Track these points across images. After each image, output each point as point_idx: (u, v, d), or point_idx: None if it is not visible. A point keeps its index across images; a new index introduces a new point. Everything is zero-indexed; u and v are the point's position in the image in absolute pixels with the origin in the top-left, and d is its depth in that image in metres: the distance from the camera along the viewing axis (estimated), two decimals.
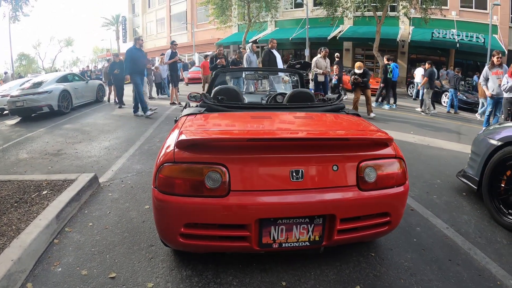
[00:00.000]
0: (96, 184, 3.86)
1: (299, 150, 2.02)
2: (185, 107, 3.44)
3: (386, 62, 11.50)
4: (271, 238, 1.97)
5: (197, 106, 2.96)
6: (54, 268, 2.31)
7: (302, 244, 2.01)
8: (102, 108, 10.79)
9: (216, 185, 1.88)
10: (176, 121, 2.91)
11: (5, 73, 21.76)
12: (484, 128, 4.67)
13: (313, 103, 3.08)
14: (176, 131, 2.21)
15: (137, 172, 4.42)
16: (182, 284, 2.16)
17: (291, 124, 2.62)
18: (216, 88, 3.35)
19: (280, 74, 5.68)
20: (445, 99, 13.76)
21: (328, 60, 9.67)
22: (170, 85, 11.41)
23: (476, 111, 11.40)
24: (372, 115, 8.88)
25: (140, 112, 8.71)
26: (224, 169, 1.90)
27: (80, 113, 9.66)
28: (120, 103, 10.66)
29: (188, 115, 2.64)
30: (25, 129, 7.66)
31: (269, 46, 8.79)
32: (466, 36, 18.27)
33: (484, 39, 17.49)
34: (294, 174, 1.94)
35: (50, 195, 3.30)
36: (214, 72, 4.16)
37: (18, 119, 9.37)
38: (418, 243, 2.71)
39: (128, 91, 10.78)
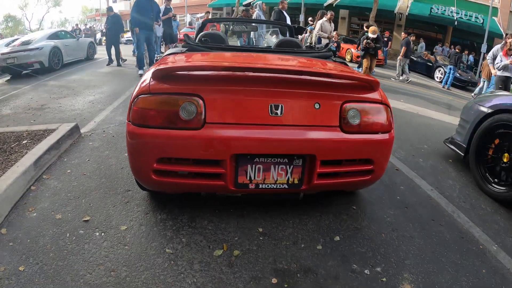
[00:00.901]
0: (77, 134, 3.76)
1: (279, 84, 1.92)
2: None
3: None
4: (248, 178, 1.90)
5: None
6: (29, 213, 2.25)
7: (280, 186, 1.95)
8: (92, 66, 10.50)
9: (191, 117, 1.79)
10: (156, 60, 2.79)
11: None
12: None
13: (300, 49, 2.96)
14: (153, 67, 2.10)
15: (120, 123, 4.31)
16: (156, 227, 2.12)
17: (276, 61, 2.49)
18: (201, 33, 3.21)
19: (270, 28, 5.50)
20: (438, 74, 13.75)
21: (333, 25, 9.20)
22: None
23: (469, 90, 11.39)
24: None
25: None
26: (200, 100, 1.80)
27: (68, 71, 9.37)
28: (109, 60, 10.24)
29: (168, 54, 2.52)
30: (9, 87, 7.42)
31: (280, 7, 8.42)
32: (465, 15, 17.94)
33: (483, 20, 17.17)
34: (273, 108, 1.84)
35: (30, 144, 3.21)
36: (202, 22, 3.98)
37: (2, 78, 9.07)
38: (401, 201, 2.69)
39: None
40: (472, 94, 10.50)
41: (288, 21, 8.24)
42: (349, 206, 2.52)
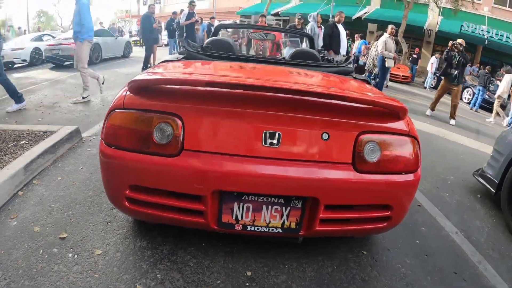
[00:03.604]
0: (78, 138, 3.61)
1: (277, 106, 1.58)
2: None
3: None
4: (234, 218, 1.59)
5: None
6: (10, 221, 2.12)
7: (273, 230, 1.62)
8: (123, 64, 10.93)
9: (166, 140, 1.51)
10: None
11: (19, 28, 21.91)
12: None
13: (316, 62, 2.62)
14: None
15: None
16: (132, 256, 1.87)
17: (279, 76, 2.16)
18: (208, 40, 2.96)
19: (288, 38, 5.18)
20: (466, 95, 13.14)
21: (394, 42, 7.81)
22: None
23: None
24: (452, 122, 7.18)
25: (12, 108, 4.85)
26: (178, 121, 1.52)
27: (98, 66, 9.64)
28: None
29: (164, 61, 2.29)
30: (28, 82, 7.46)
31: (336, 19, 7.21)
32: (496, 34, 17.29)
33: None
34: (268, 137, 1.51)
35: (27, 145, 3.10)
36: (215, 28, 3.73)
37: (24, 72, 9.20)
38: (421, 246, 2.31)
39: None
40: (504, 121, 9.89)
41: (344, 35, 7.23)
42: (358, 249, 2.15)
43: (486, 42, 17.17)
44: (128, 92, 1.61)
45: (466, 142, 5.95)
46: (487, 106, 12.23)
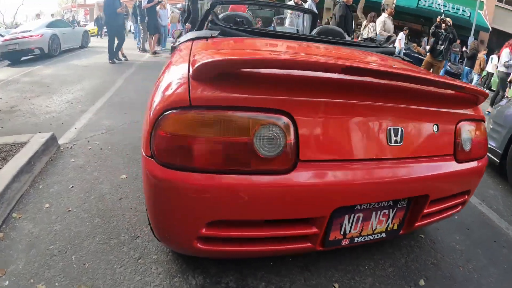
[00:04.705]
0: (55, 147, 3.00)
1: (400, 98, 1.32)
2: (179, 37, 2.58)
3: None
4: (342, 232, 1.32)
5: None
6: None
7: (377, 236, 1.43)
8: (81, 55, 10.30)
9: (275, 152, 1.08)
10: (173, 48, 2.08)
11: None
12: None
13: (359, 42, 2.44)
14: (182, 60, 1.37)
15: (107, 129, 3.57)
16: None
17: (361, 60, 1.78)
18: (223, 14, 2.52)
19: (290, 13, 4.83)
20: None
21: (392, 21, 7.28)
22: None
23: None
24: None
25: None
26: (288, 121, 1.09)
27: (51, 62, 8.77)
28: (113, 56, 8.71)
29: (194, 39, 1.80)
30: None
31: (345, 0, 6.81)
32: (452, 7, 17.99)
33: (470, 13, 17.25)
34: (392, 134, 1.26)
35: None
36: (211, 3, 3.19)
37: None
38: (460, 221, 2.37)
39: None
40: None
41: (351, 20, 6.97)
42: (415, 234, 2.13)
43: (443, 15, 17.75)
44: (193, 81, 1.09)
45: None
46: (449, 76, 12.66)
